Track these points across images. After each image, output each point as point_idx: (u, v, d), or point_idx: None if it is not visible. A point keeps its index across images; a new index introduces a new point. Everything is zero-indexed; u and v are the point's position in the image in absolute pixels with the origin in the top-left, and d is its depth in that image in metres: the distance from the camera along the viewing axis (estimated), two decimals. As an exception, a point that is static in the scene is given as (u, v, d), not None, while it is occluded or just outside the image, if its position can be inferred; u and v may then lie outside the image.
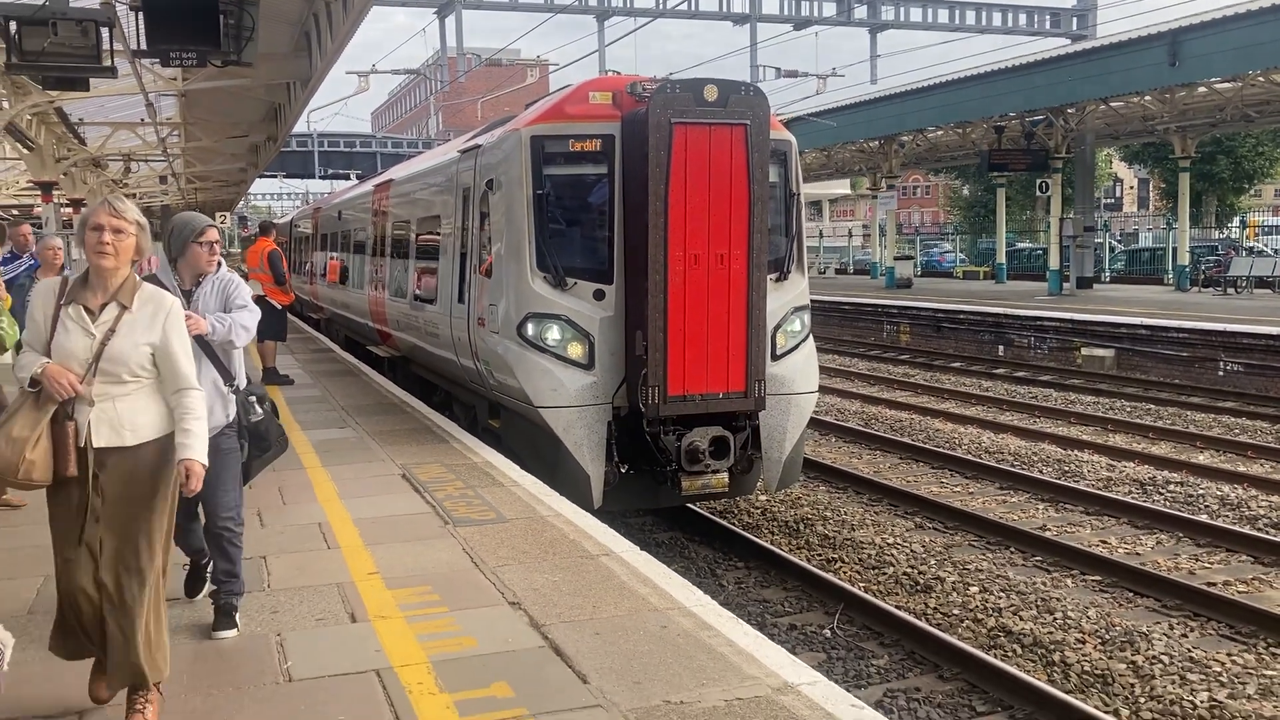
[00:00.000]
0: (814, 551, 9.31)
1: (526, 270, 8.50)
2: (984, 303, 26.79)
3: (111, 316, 3.69)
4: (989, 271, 40.62)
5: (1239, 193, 48.07)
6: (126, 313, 3.70)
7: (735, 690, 4.00)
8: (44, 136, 19.44)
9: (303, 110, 19.31)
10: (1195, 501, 10.49)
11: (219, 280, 4.90)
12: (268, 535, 6.29)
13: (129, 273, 3.79)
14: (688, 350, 8.12)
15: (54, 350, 3.67)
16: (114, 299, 3.71)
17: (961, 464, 12.21)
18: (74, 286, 3.77)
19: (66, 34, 8.14)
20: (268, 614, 4.95)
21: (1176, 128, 29.53)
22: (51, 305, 3.73)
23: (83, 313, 3.69)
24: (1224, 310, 22.34)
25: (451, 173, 10.72)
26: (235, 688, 4.12)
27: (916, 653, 6.92)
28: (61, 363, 3.64)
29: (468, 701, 3.94)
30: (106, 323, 3.67)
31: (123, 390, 3.69)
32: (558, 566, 5.58)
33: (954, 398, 17.63)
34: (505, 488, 7.41)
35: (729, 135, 8.08)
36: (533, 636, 4.59)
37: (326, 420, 10.30)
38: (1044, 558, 8.82)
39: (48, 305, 3.74)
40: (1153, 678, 6.47)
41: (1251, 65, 22.33)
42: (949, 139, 35.98)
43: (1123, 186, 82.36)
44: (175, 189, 36.62)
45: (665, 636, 4.56)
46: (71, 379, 3.61)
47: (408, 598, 5.12)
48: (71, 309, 3.70)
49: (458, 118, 68.34)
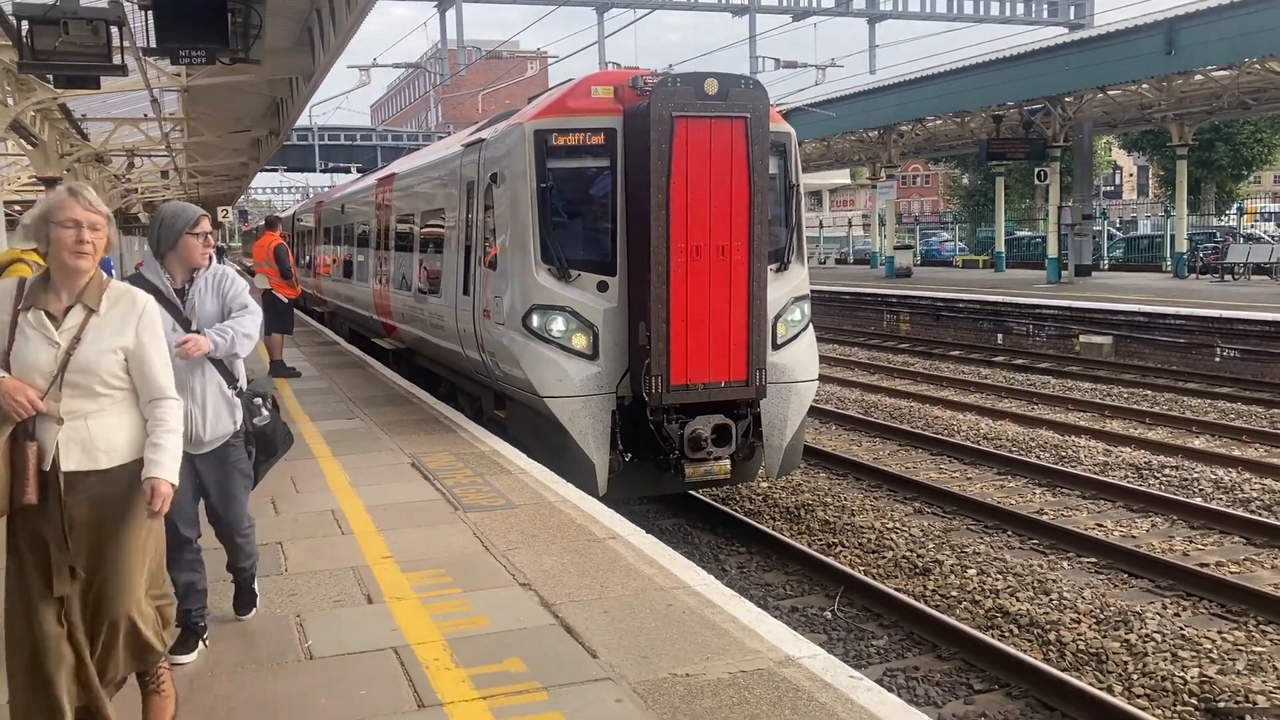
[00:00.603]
0: (815, 536, 9.48)
1: (531, 262, 8.65)
2: (983, 291, 26.93)
3: (77, 322, 3.28)
4: (988, 260, 40.74)
5: (1238, 179, 48.13)
6: (94, 316, 3.30)
7: (739, 663, 4.17)
8: (48, 132, 19.55)
9: (305, 105, 19.44)
10: (1190, 485, 10.65)
11: (214, 276, 4.50)
12: (282, 522, 6.46)
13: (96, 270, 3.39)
14: (690, 340, 8.28)
15: (13, 362, 3.24)
16: (79, 301, 3.30)
17: (960, 450, 12.37)
18: (33, 288, 3.33)
19: (77, 33, 8.28)
20: (286, 596, 5.12)
21: (1174, 115, 29.65)
22: (9, 310, 3.29)
23: (44, 318, 3.27)
24: (1221, 297, 22.48)
25: (455, 166, 10.86)
26: (258, 665, 4.30)
27: (915, 633, 7.09)
28: (21, 376, 3.21)
29: (482, 675, 4.11)
30: (71, 329, 3.26)
31: (96, 406, 3.28)
32: (566, 549, 5.74)
33: (953, 385, 17.79)
34: (513, 475, 7.58)
35: (729, 128, 8.22)
36: (543, 615, 4.77)
37: (335, 411, 10.47)
38: (1041, 541, 8.99)
39: (4, 310, 3.30)
40: (1145, 655, 6.65)
41: (1247, 53, 22.44)
42: (948, 128, 36.08)
43: (1122, 174, 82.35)
44: (177, 184, 36.74)
45: (671, 614, 4.73)
46: (31, 395, 3.18)
47: (421, 580, 5.29)
48: (31, 314, 3.27)
49: (458, 110, 68.36)
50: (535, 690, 3.97)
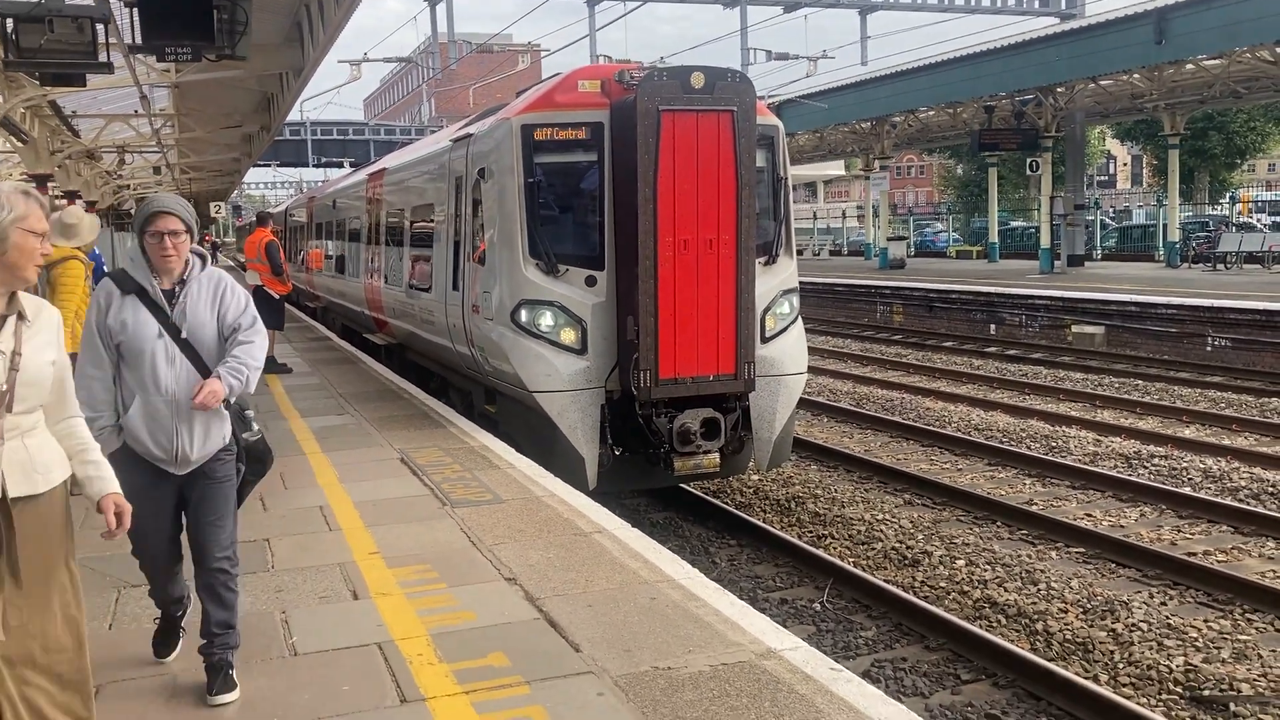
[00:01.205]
0: (805, 528, 9.51)
1: (519, 257, 8.66)
2: (976, 282, 26.96)
3: (12, 330, 2.98)
4: (982, 251, 40.80)
5: (1231, 168, 48.23)
6: (25, 324, 3.02)
7: (720, 656, 4.19)
8: (38, 129, 19.51)
9: (296, 100, 19.41)
10: (1179, 474, 10.69)
11: (210, 282, 4.02)
12: (270, 518, 6.47)
13: None
14: (678, 334, 8.29)
15: None
16: (14, 309, 3.02)
17: (951, 441, 12.41)
18: None
19: (62, 30, 8.26)
20: (272, 593, 5.13)
21: (1165, 105, 29.66)
22: None
23: None
24: (1213, 286, 22.53)
25: (444, 161, 10.86)
26: (243, 661, 4.30)
27: (904, 624, 7.12)
28: None
29: (466, 670, 4.13)
30: (9, 338, 2.97)
31: (31, 423, 3.00)
32: (552, 544, 5.76)
33: (945, 377, 17.82)
34: (501, 470, 7.59)
35: (716, 121, 8.22)
36: (528, 610, 4.79)
37: (325, 407, 10.48)
38: (1030, 531, 9.02)
39: None
40: (1131, 644, 6.68)
41: (1237, 42, 22.45)
42: (940, 119, 36.08)
43: (1116, 163, 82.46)
44: (169, 179, 36.68)
45: (654, 607, 4.75)
46: None
47: (407, 575, 5.31)
48: None
49: (450, 104, 68.27)
50: (518, 684, 4.00)
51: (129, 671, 4.26)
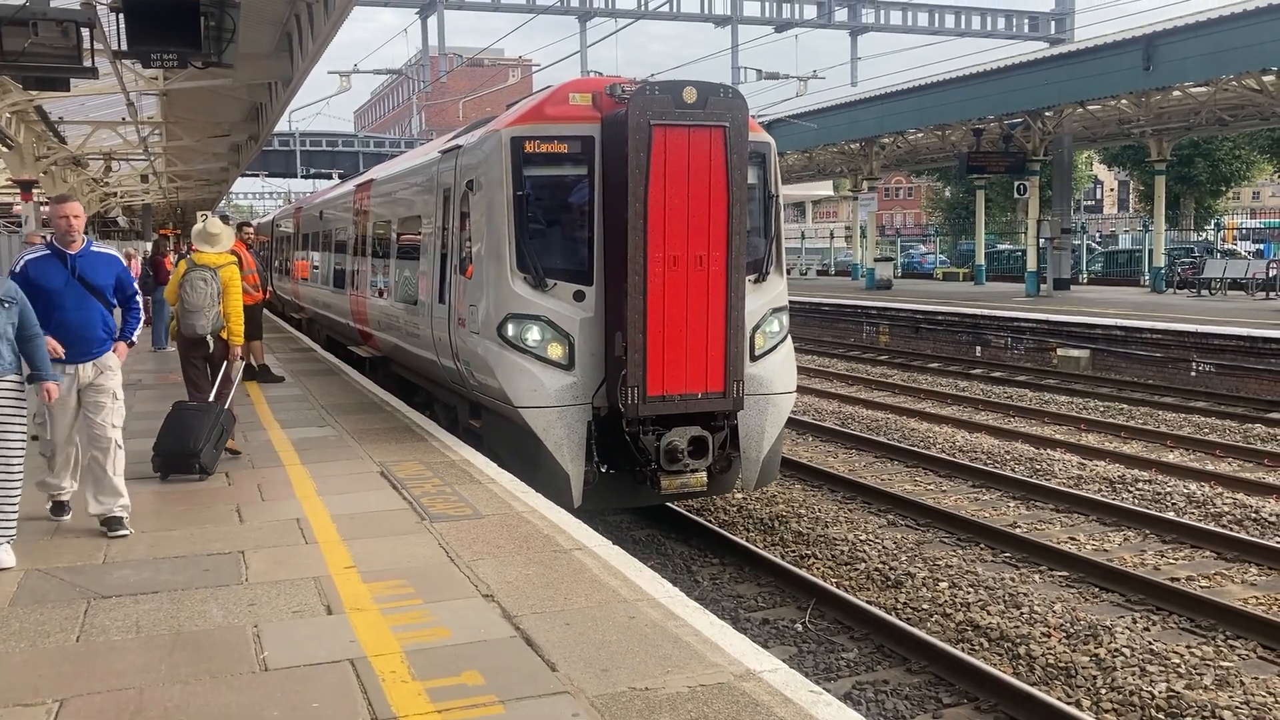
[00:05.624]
0: (788, 548, 9.45)
1: (506, 271, 8.59)
2: (962, 304, 27.03)
3: None
4: (969, 273, 40.91)
5: (1216, 195, 48.57)
6: None
7: (699, 677, 4.12)
8: (24, 135, 19.41)
9: (284, 110, 19.35)
10: (1163, 499, 10.68)
11: None
12: (246, 530, 6.37)
13: None
14: (667, 351, 8.22)
15: None
16: None
17: (935, 463, 12.38)
18: None
19: (47, 34, 8.19)
20: (245, 606, 5.04)
21: (1152, 131, 29.87)
22: None
23: None
24: (1197, 311, 22.63)
25: (432, 173, 10.80)
26: (212, 677, 4.21)
27: (886, 646, 7.06)
28: None
29: (439, 689, 4.05)
30: None
31: None
32: (531, 560, 5.68)
33: (930, 398, 17.82)
34: (482, 485, 7.51)
35: (708, 137, 8.18)
36: (505, 627, 4.70)
37: (306, 419, 10.38)
38: (1013, 554, 8.98)
39: None
40: (1114, 670, 6.63)
41: (1224, 70, 22.64)
42: (929, 141, 36.26)
43: (1103, 188, 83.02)
44: (157, 187, 36.51)
45: (633, 626, 4.67)
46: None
47: (383, 591, 5.22)
48: None
49: (440, 117, 68.28)
50: (491, 704, 3.91)
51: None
